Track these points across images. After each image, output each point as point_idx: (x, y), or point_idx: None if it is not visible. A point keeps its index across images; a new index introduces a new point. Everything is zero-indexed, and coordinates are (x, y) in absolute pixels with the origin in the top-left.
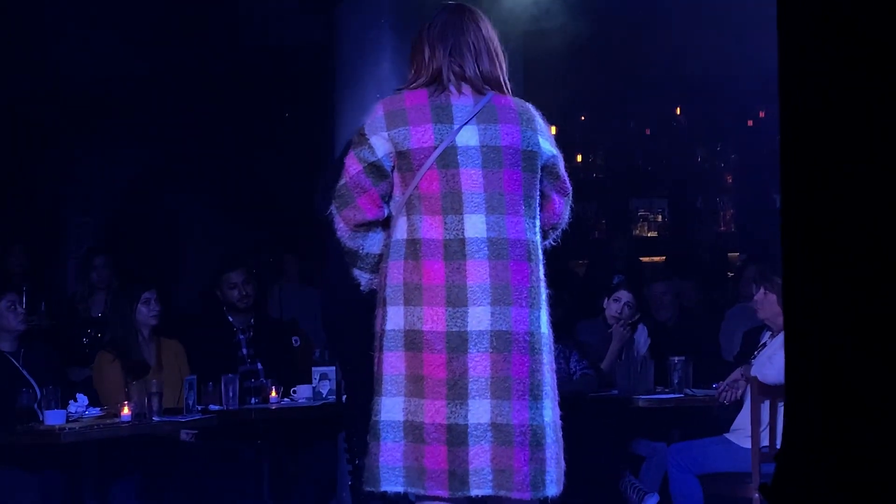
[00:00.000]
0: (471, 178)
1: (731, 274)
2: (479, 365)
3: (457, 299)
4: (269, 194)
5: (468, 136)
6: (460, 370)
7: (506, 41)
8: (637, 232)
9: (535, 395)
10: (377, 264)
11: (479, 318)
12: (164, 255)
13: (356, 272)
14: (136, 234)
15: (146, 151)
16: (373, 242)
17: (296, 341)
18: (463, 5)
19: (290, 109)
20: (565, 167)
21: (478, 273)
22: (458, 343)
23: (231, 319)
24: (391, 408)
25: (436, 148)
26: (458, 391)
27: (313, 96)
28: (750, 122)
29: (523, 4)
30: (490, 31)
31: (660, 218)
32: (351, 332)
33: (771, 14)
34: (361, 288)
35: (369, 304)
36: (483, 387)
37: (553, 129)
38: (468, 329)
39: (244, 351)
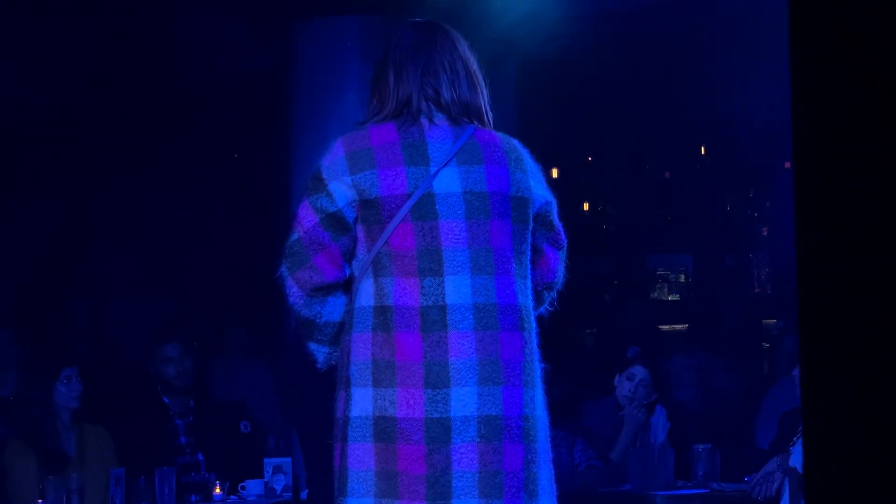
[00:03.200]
0: (452, 232)
1: (766, 345)
2: (464, 458)
3: (437, 379)
4: (214, 251)
5: (448, 181)
6: (442, 465)
7: (496, 72)
8: (655, 295)
9: (530, 491)
10: (337, 335)
11: (463, 401)
12: (87, 325)
13: (312, 346)
14: (53, 300)
15: (67, 201)
16: (332, 309)
17: (245, 427)
18: (434, 21)
19: (239, 150)
20: (559, 214)
21: (462, 347)
22: (439, 432)
23: (166, 401)
24: None
25: (410, 196)
26: (439, 490)
27: (267, 134)
28: (788, 164)
29: (516, 29)
30: (468, 52)
31: (682, 278)
32: (312, 415)
33: None
34: (318, 365)
35: (334, 381)
36: (469, 484)
37: (554, 173)
38: (451, 415)
39: (182, 439)
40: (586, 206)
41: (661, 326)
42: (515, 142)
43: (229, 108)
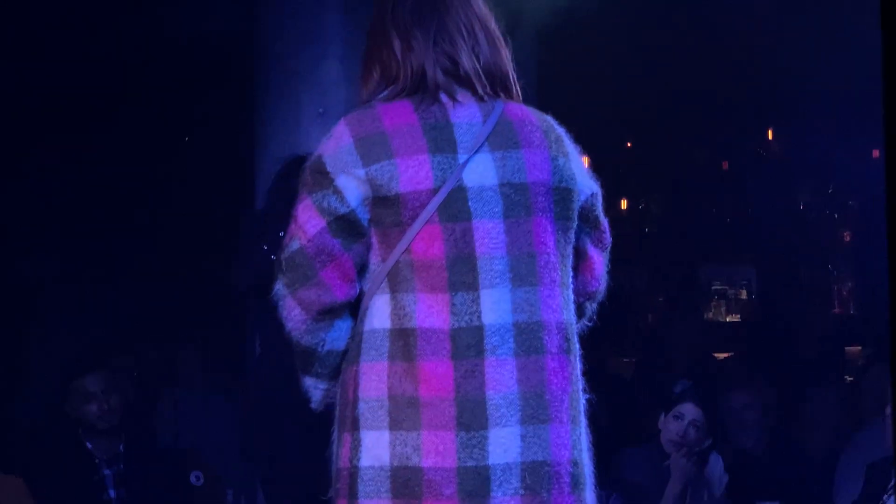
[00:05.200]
0: (489, 235)
1: (849, 378)
2: None
3: (472, 419)
4: (162, 257)
5: (482, 171)
6: None
7: (512, 38)
8: (710, 315)
9: None
10: (339, 366)
11: (504, 444)
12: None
13: (309, 382)
14: None
15: None
16: (338, 334)
17: (196, 479)
18: None
19: (191, 131)
20: (603, 209)
21: (501, 377)
22: (476, 484)
23: (90, 446)
24: None
25: (436, 191)
26: None
27: (225, 112)
28: (876, 153)
29: None
30: (483, 7)
31: (744, 294)
32: (282, 463)
33: None
34: (313, 405)
35: (310, 422)
36: None
37: (585, 162)
38: (489, 462)
39: (111, 493)
40: (624, 204)
41: (717, 354)
42: (550, 118)
43: (181, 81)
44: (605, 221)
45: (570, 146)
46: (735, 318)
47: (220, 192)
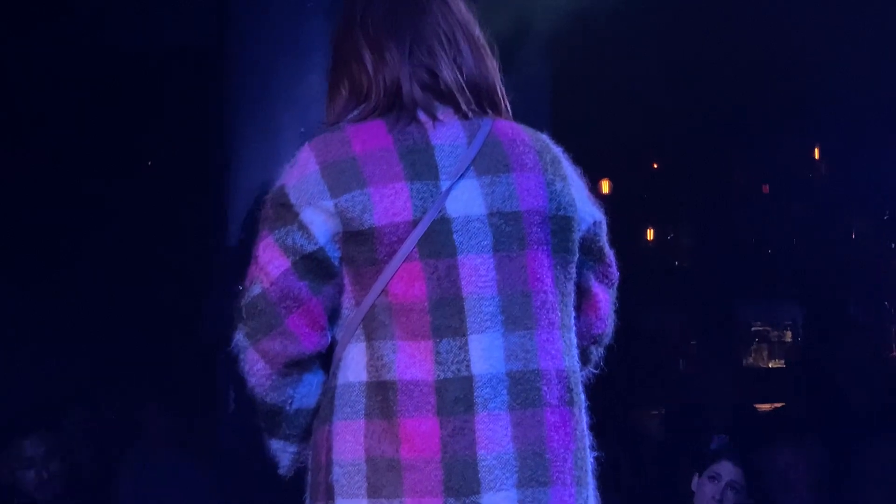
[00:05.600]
0: (477, 272)
1: None
2: None
3: (462, 483)
4: (122, 299)
5: (467, 200)
6: None
7: (521, 43)
8: (750, 360)
9: None
10: (310, 426)
11: None
12: None
13: (276, 445)
14: None
15: None
16: (308, 390)
17: None
18: None
19: (156, 158)
20: (608, 239)
21: (494, 435)
22: None
23: None
24: None
25: (416, 223)
26: None
27: (195, 134)
28: None
29: None
30: (465, 11)
31: (788, 336)
32: None
33: None
34: (281, 470)
35: (289, 487)
36: None
37: (604, 186)
38: None
39: None
40: (651, 234)
41: (758, 405)
42: (545, 137)
43: (139, 99)
44: (610, 254)
45: (568, 168)
46: (778, 363)
47: (187, 226)
